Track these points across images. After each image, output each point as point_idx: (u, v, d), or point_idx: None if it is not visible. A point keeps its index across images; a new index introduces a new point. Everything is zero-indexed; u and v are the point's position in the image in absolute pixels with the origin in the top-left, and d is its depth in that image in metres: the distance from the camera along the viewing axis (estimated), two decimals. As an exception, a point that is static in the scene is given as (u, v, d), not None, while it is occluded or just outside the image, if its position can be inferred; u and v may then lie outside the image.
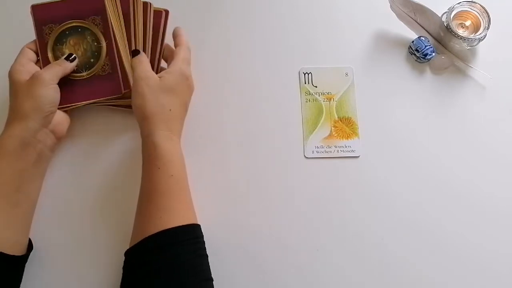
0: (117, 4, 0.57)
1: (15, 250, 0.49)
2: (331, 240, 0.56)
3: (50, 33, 0.57)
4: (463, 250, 0.56)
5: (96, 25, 0.57)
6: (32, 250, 0.52)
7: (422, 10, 0.62)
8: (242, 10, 0.66)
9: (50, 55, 0.57)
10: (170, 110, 0.52)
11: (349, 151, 0.60)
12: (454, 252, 0.56)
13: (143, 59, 0.55)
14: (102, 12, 0.56)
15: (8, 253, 0.47)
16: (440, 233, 0.56)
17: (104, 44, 0.57)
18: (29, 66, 0.54)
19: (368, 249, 0.56)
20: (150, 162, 0.50)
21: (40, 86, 0.52)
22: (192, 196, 0.53)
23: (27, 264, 0.51)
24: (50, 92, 0.52)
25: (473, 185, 0.58)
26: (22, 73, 0.53)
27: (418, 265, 0.55)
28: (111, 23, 0.56)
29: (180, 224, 0.47)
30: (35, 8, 0.57)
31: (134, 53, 0.56)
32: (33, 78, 0.52)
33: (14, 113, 0.52)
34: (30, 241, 0.52)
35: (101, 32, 0.57)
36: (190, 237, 0.48)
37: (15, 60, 0.54)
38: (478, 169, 0.59)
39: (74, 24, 0.57)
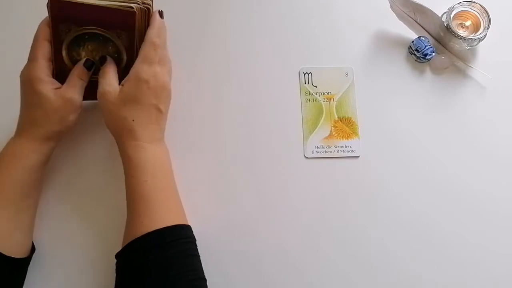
0: (146, 25, 0.52)
1: (20, 252, 0.49)
2: (330, 240, 0.56)
3: (68, 32, 0.51)
4: (463, 250, 0.56)
5: (119, 38, 0.52)
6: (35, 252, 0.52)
7: (422, 10, 0.62)
8: (241, 10, 0.66)
9: (64, 53, 0.52)
10: (133, 120, 0.50)
11: (349, 151, 0.60)
12: (453, 252, 0.56)
13: (108, 70, 0.52)
14: (129, 29, 0.51)
15: (14, 256, 0.48)
16: (440, 233, 0.56)
17: (125, 57, 0.53)
18: (50, 72, 0.51)
19: (368, 249, 0.56)
20: (126, 172, 0.51)
21: (73, 113, 0.52)
22: (190, 197, 0.53)
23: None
24: (78, 116, 0.53)
25: (473, 185, 0.58)
26: (47, 84, 0.50)
27: (418, 265, 0.55)
28: (137, 43, 0.53)
29: (163, 226, 0.47)
30: (53, 3, 0.49)
31: (102, 60, 0.52)
32: (67, 102, 0.50)
33: (39, 130, 0.50)
34: (32, 243, 0.52)
35: (124, 46, 0.53)
36: (176, 238, 0.48)
37: (34, 58, 0.50)
38: (477, 169, 0.59)
39: (96, 31, 0.51)
